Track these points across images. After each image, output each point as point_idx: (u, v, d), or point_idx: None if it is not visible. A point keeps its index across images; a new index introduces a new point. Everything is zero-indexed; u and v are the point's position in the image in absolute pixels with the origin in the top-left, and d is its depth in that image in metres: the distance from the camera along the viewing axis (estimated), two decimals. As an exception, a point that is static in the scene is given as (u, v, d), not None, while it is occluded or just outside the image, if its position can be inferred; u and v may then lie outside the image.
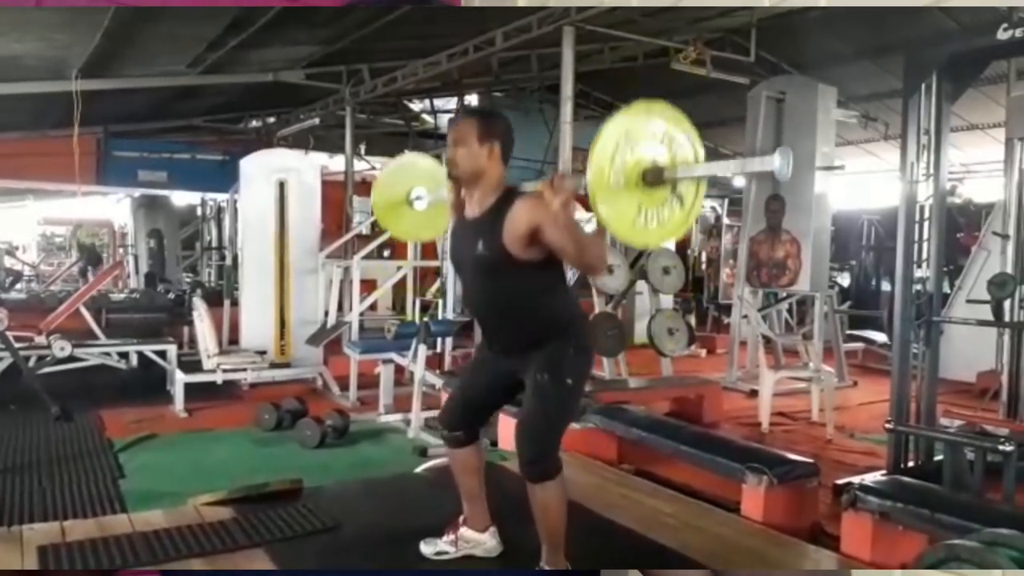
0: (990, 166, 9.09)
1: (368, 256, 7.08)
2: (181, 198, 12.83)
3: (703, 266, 11.57)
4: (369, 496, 3.54)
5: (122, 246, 14.51)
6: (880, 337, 8.39)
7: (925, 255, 3.93)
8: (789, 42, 7.84)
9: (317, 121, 9.27)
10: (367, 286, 7.16)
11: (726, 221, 11.02)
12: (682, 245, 10.81)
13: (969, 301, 6.37)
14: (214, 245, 12.64)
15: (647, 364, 6.74)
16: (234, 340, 7.06)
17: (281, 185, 6.75)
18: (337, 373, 6.44)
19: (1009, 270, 5.23)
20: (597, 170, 1.94)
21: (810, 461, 3.62)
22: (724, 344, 8.21)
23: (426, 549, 2.72)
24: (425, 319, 5.70)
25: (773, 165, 1.84)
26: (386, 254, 8.76)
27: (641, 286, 6.86)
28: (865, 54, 8.04)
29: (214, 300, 7.45)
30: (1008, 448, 3.10)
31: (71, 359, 6.04)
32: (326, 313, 6.76)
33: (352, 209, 8.79)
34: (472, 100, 11.56)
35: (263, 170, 6.83)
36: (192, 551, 2.71)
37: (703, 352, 9.00)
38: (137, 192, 11.84)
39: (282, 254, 6.73)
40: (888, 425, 3.72)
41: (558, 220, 2.13)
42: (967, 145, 9.66)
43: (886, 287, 9.78)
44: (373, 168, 11.04)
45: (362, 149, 10.79)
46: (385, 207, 3.12)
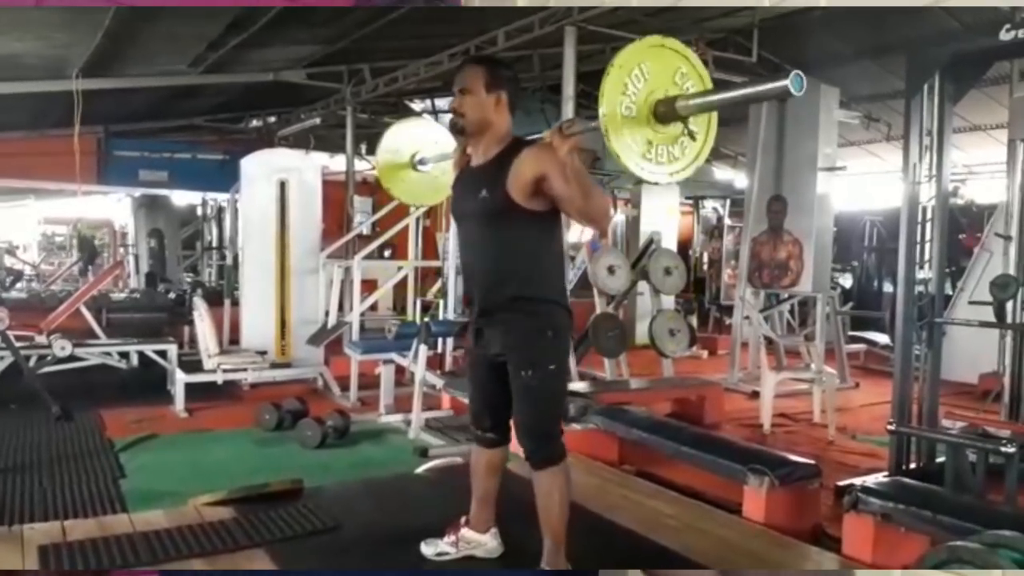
0: (992, 167, 9.09)
1: (369, 256, 7.07)
2: (182, 198, 12.83)
3: (705, 267, 11.55)
4: (370, 496, 3.53)
5: (123, 246, 14.52)
6: (882, 338, 8.38)
7: (927, 256, 3.95)
8: (791, 42, 7.83)
9: (318, 121, 9.27)
10: (368, 286, 7.16)
11: (728, 222, 11.01)
12: (684, 246, 10.80)
13: (971, 302, 6.37)
14: (215, 245, 12.64)
15: (648, 365, 6.74)
16: (235, 340, 7.06)
17: (282, 185, 6.75)
18: (338, 373, 6.44)
19: (1011, 271, 5.21)
20: (610, 100, 1.90)
21: (812, 462, 3.61)
22: (726, 345, 8.21)
23: (427, 550, 2.71)
24: (426, 319, 5.71)
25: (786, 81, 1.89)
26: (387, 254, 8.76)
27: (642, 287, 6.87)
28: (867, 55, 8.03)
29: (215, 300, 7.45)
30: (1010, 450, 3.10)
31: (72, 359, 6.04)
32: (327, 313, 6.76)
33: (353, 209, 8.79)
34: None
35: (264, 170, 6.83)
36: (192, 551, 2.71)
37: (704, 353, 8.99)
38: (138, 192, 11.84)
39: (283, 254, 6.73)
40: (890, 426, 3.72)
41: (566, 166, 2.09)
42: (969, 146, 9.65)
43: (888, 288, 9.78)
44: (374, 168, 11.03)
45: (363, 149, 10.78)
46: (389, 168, 3.09)
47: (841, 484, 3.51)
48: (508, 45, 6.15)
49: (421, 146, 3.00)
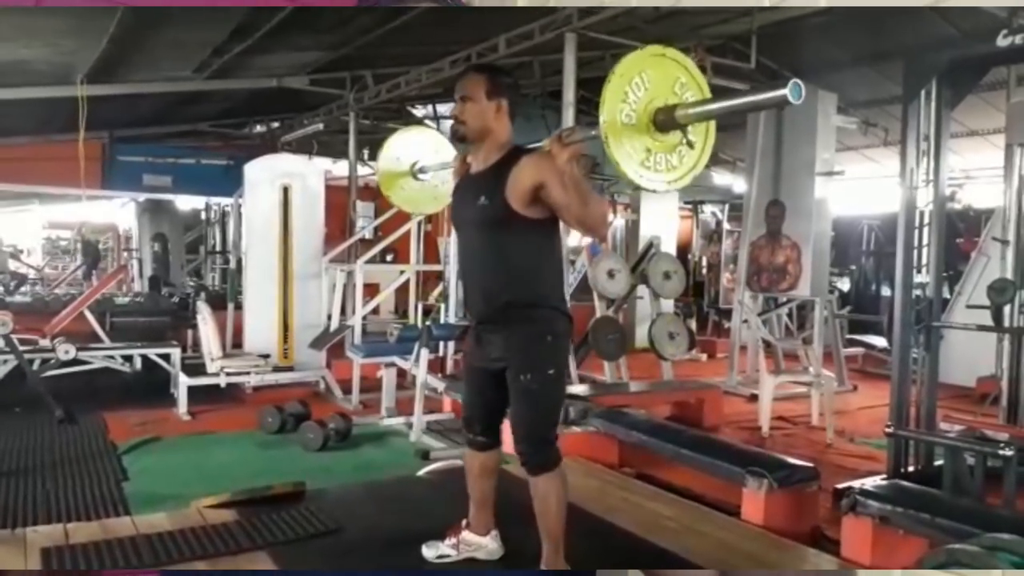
0: (990, 172, 9.10)
1: (371, 260, 7.11)
2: (186, 202, 12.87)
3: (704, 271, 11.58)
4: (371, 499, 3.55)
5: (127, 250, 14.56)
6: (880, 342, 8.39)
7: (925, 260, 3.95)
8: (790, 49, 7.85)
9: (321, 126, 9.30)
10: (370, 290, 7.19)
11: (726, 226, 11.05)
12: (683, 250, 10.82)
13: (969, 306, 6.39)
14: (218, 249, 12.67)
15: (648, 368, 6.75)
16: (237, 344, 7.09)
17: (285, 190, 6.79)
18: (340, 376, 6.45)
19: (1009, 276, 5.23)
20: (610, 108, 1.92)
21: (810, 465, 3.63)
22: (724, 348, 8.22)
23: (428, 552, 2.73)
24: (427, 323, 5.73)
25: (785, 90, 1.90)
26: (389, 258, 8.79)
27: (642, 290, 6.89)
28: (865, 60, 8.05)
29: (218, 304, 7.48)
30: (1008, 453, 3.11)
31: (75, 362, 6.06)
32: (329, 317, 6.79)
33: (355, 214, 8.82)
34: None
35: (267, 175, 6.87)
36: (195, 554, 2.73)
37: (704, 356, 9.01)
38: (142, 196, 11.88)
39: (286, 258, 6.76)
40: (888, 429, 3.74)
41: (564, 175, 2.11)
42: (967, 151, 9.66)
43: (886, 292, 9.79)
44: (376, 173, 11.07)
45: (365, 154, 10.82)
46: (389, 176, 3.10)
47: (839, 487, 3.52)
48: (509, 52, 6.19)
49: (421, 155, 3.02)
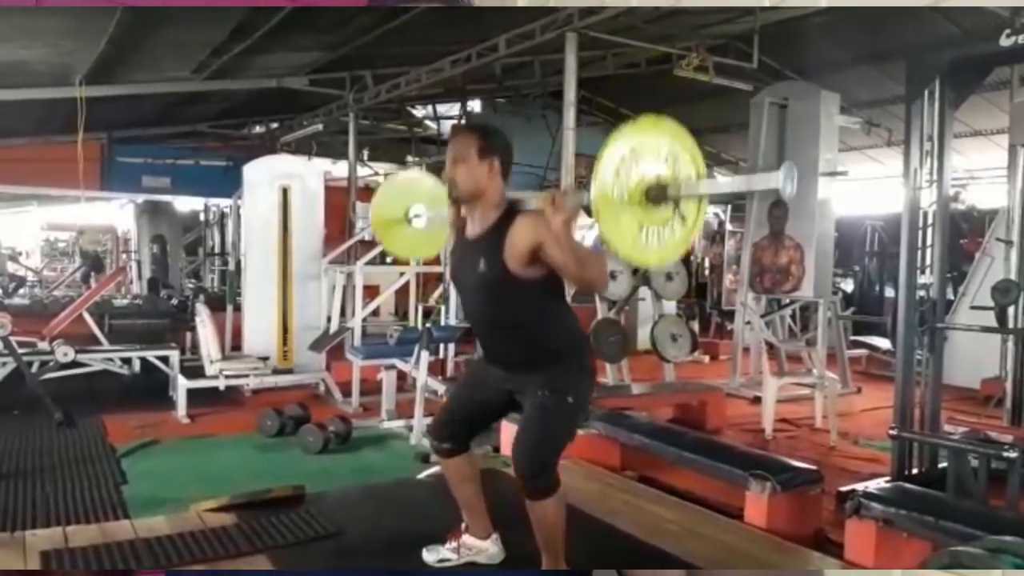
0: (993, 172, 9.09)
1: (371, 262, 7.09)
2: (185, 204, 12.87)
3: (706, 272, 11.55)
4: (371, 502, 3.54)
5: (125, 252, 14.55)
6: (884, 343, 8.36)
7: (929, 261, 3.94)
8: (792, 48, 7.85)
9: (320, 127, 9.30)
10: (370, 292, 7.17)
11: (729, 227, 11.01)
12: (685, 251, 10.80)
13: (973, 307, 6.37)
14: (217, 251, 12.66)
15: (650, 370, 6.73)
16: (237, 346, 7.07)
17: (284, 191, 6.77)
18: (340, 379, 6.44)
19: (1013, 276, 5.21)
20: (601, 185, 1.90)
21: (814, 468, 3.61)
22: (727, 350, 8.20)
23: (428, 556, 2.71)
24: (427, 325, 5.70)
25: (777, 182, 1.81)
26: (389, 260, 8.77)
27: (644, 292, 6.86)
28: (868, 60, 8.05)
29: (217, 306, 7.46)
30: (1012, 455, 3.10)
31: (74, 364, 6.04)
32: (329, 319, 6.77)
33: (355, 215, 8.81)
34: (475, 106, 11.61)
35: (267, 176, 6.85)
36: (195, 557, 2.72)
37: (706, 358, 8.98)
38: (141, 198, 11.88)
39: (285, 260, 6.74)
40: (892, 432, 3.71)
41: (559, 238, 2.11)
42: (970, 151, 9.65)
43: (890, 293, 9.76)
44: (376, 174, 11.07)
45: (365, 155, 10.81)
46: (383, 224, 3.11)
47: (843, 489, 3.50)
48: (509, 51, 6.17)
49: (414, 200, 3.02)
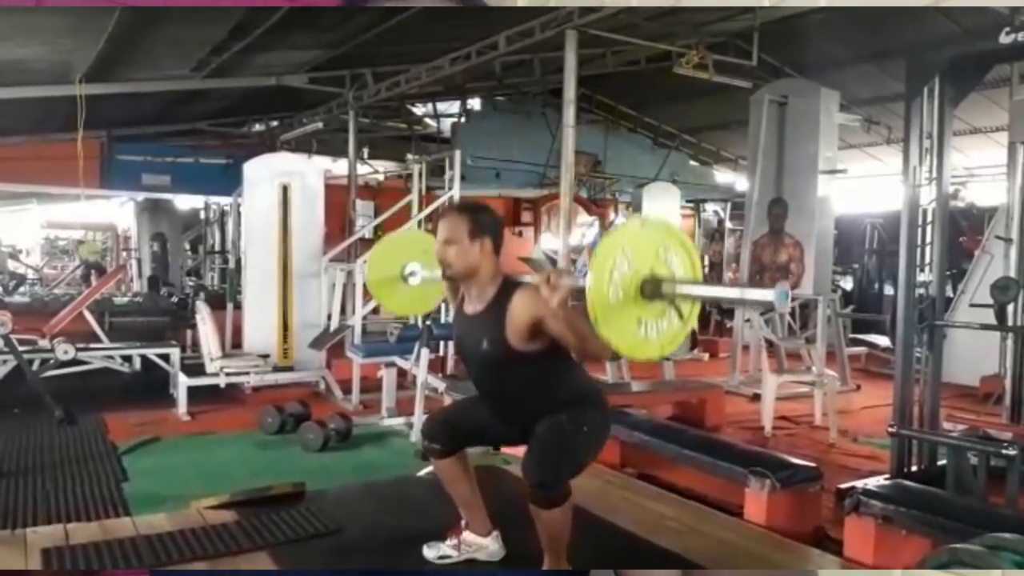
0: (993, 170, 9.09)
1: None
2: (185, 202, 12.86)
3: (706, 270, 11.55)
4: (372, 499, 3.54)
5: (125, 250, 14.54)
6: (883, 341, 8.37)
7: (928, 259, 3.94)
8: (791, 46, 7.85)
9: (320, 125, 9.29)
10: (370, 290, 7.17)
11: (729, 225, 11.02)
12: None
13: (972, 305, 6.38)
14: (217, 249, 12.66)
15: (649, 368, 6.73)
16: (237, 343, 7.07)
17: (284, 189, 6.77)
18: (340, 376, 6.44)
19: (1012, 274, 5.23)
20: (596, 288, 1.91)
21: (813, 465, 3.62)
22: (727, 348, 8.21)
23: (429, 553, 2.72)
24: (427, 323, 5.70)
25: (770, 297, 1.82)
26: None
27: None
28: (867, 58, 8.05)
29: (217, 303, 7.46)
30: (1011, 452, 3.10)
31: (74, 362, 6.05)
32: (329, 317, 6.77)
33: (355, 213, 8.81)
34: (475, 104, 11.61)
35: (266, 174, 6.85)
36: (195, 554, 2.72)
37: (706, 356, 8.99)
38: (141, 196, 11.87)
39: (285, 257, 6.74)
40: (891, 429, 3.72)
41: (557, 317, 2.12)
42: (970, 149, 9.66)
43: (889, 291, 9.77)
44: (376, 172, 11.07)
45: (365, 153, 10.80)
46: (379, 283, 3.15)
47: (842, 487, 3.50)
48: (509, 49, 6.17)
49: (409, 258, 3.05)
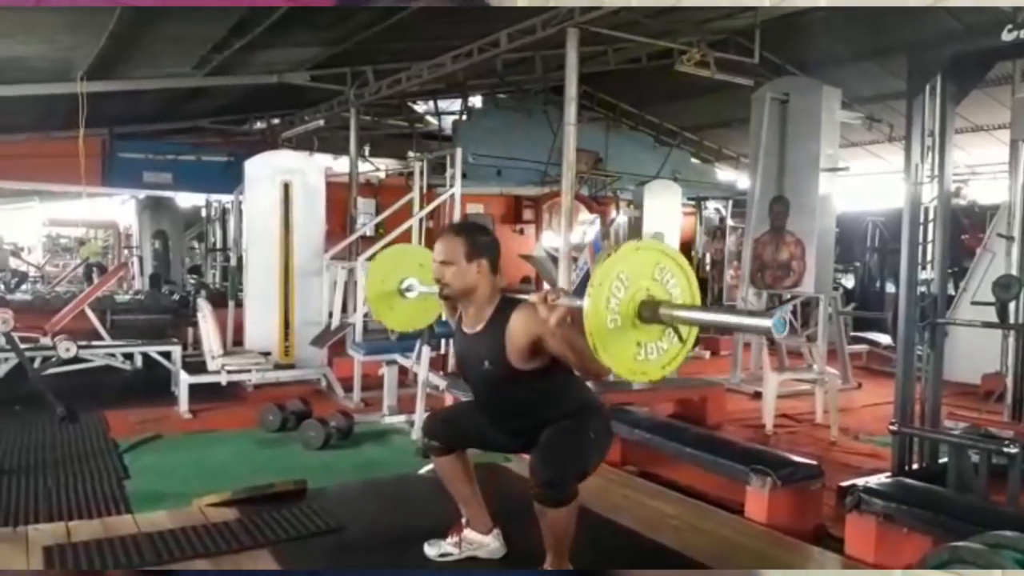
0: (995, 168, 9.07)
1: (372, 257, 7.08)
2: (186, 199, 12.86)
3: (707, 267, 11.54)
4: (373, 497, 3.55)
5: (127, 247, 14.54)
6: (884, 339, 8.37)
7: (929, 257, 3.93)
8: (793, 44, 7.83)
9: (322, 123, 9.28)
10: (371, 288, 7.16)
11: (730, 222, 10.98)
12: (686, 246, 10.80)
13: (974, 303, 6.36)
14: (219, 246, 12.66)
15: (651, 366, 6.73)
16: (238, 341, 7.07)
17: (286, 186, 6.77)
18: (341, 374, 6.45)
19: (1014, 272, 5.21)
20: (594, 314, 1.90)
21: (814, 463, 3.62)
22: (728, 346, 8.20)
23: (430, 551, 2.72)
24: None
25: (768, 324, 1.81)
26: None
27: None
28: (869, 56, 8.03)
29: (219, 301, 7.46)
30: (1013, 450, 3.10)
31: (76, 360, 6.06)
32: (330, 314, 6.77)
33: (356, 211, 8.80)
34: (476, 101, 11.61)
35: (268, 171, 6.85)
36: (197, 552, 2.73)
37: (707, 354, 9.00)
38: (142, 193, 11.85)
39: (286, 255, 6.75)
40: (892, 427, 3.72)
41: (556, 336, 2.13)
42: (972, 146, 9.64)
43: (890, 289, 9.75)
44: (377, 170, 11.07)
45: (366, 151, 10.80)
46: (377, 298, 3.16)
47: (843, 485, 3.50)
48: (510, 47, 6.16)
49: (406, 273, 3.07)
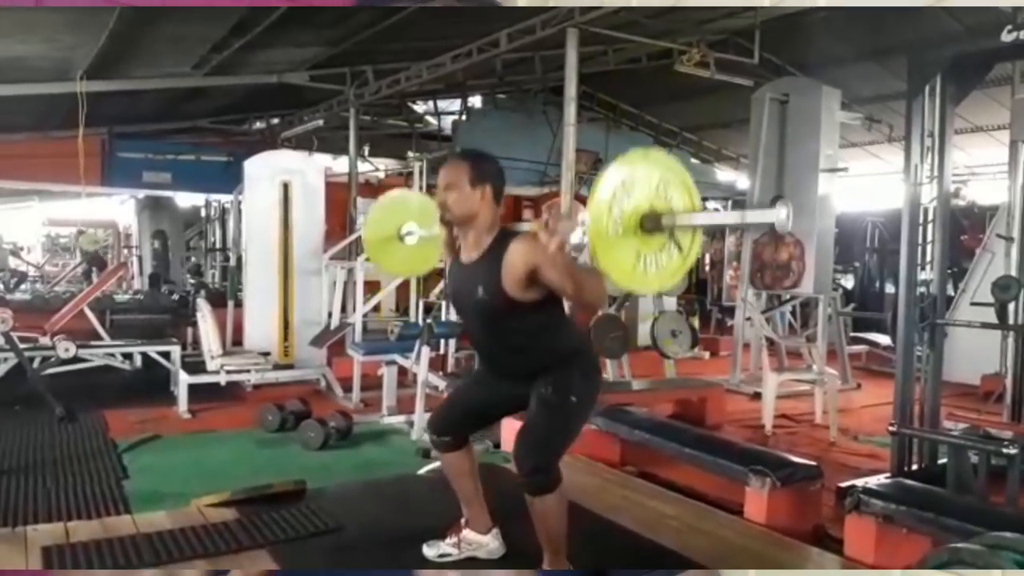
0: (994, 168, 9.08)
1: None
2: (185, 199, 12.86)
3: (707, 268, 11.54)
4: (372, 498, 3.54)
5: (126, 247, 14.55)
6: (884, 339, 8.37)
7: (929, 257, 3.94)
8: (793, 44, 7.83)
9: (321, 123, 9.29)
10: (370, 287, 7.17)
11: (730, 223, 10.99)
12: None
13: (973, 304, 6.37)
14: (218, 246, 12.66)
15: (650, 366, 6.73)
16: (238, 341, 7.08)
17: (285, 186, 6.77)
18: (340, 374, 6.44)
19: (1013, 273, 5.21)
20: (595, 220, 1.90)
21: (813, 464, 3.62)
22: (727, 346, 8.20)
23: (429, 551, 2.72)
24: (428, 321, 5.70)
25: (775, 217, 1.80)
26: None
27: (644, 288, 6.86)
28: (869, 56, 8.03)
29: (218, 301, 7.46)
30: (1012, 451, 3.10)
31: (75, 360, 6.06)
32: (329, 314, 6.77)
33: (356, 211, 8.80)
34: (476, 102, 11.60)
35: (267, 171, 6.85)
36: (196, 552, 2.72)
37: (706, 354, 8.99)
38: (142, 193, 11.87)
39: (286, 255, 6.75)
40: (892, 428, 3.72)
41: (555, 262, 2.12)
42: (971, 147, 9.64)
43: (890, 289, 9.76)
44: (377, 170, 11.07)
45: (366, 151, 10.80)
46: (376, 242, 3.14)
47: (843, 485, 3.50)
48: (510, 47, 6.17)
49: (406, 218, 3.04)
